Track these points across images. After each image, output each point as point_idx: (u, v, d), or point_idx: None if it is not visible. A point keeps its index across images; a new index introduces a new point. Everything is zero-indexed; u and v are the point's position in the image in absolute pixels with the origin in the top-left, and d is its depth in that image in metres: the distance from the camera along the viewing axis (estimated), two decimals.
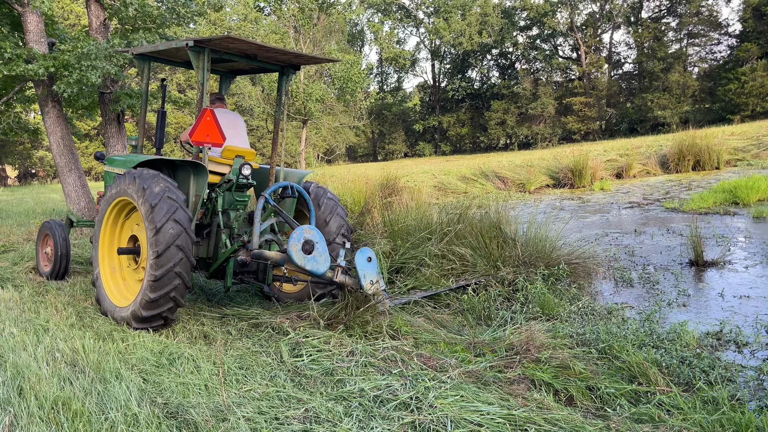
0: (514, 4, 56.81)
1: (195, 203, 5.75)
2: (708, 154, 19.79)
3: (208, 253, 5.93)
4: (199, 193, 5.74)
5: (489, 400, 3.62)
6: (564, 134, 51.81)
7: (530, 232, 7.35)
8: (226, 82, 7.37)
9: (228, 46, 5.72)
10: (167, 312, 5.18)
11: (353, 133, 55.95)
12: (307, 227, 5.20)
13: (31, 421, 3.29)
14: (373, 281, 5.06)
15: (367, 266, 5.07)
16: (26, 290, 6.53)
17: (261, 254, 5.41)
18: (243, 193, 6.02)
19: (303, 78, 15.76)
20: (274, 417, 3.42)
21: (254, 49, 5.89)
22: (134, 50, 6.42)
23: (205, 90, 5.74)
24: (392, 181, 12.80)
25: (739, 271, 7.01)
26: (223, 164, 6.10)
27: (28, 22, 9.78)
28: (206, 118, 5.57)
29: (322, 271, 5.13)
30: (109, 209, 5.74)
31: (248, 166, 5.70)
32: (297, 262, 5.06)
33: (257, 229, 5.49)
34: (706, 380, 3.92)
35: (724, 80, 44.40)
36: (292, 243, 5.06)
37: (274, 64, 6.55)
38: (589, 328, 4.90)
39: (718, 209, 11.38)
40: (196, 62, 5.71)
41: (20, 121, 12.39)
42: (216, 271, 5.89)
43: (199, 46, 5.64)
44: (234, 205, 5.95)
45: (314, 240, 5.13)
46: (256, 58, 6.20)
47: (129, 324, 5.23)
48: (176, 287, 5.10)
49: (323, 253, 5.15)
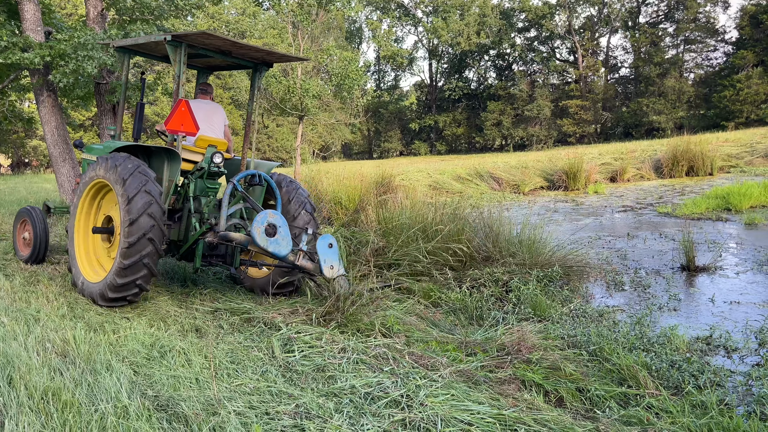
0: (512, 6, 56.88)
1: (168, 188, 6.07)
2: (702, 160, 19.90)
3: (179, 236, 6.23)
4: (172, 178, 6.07)
5: (479, 399, 3.63)
6: (559, 137, 51.96)
7: (524, 234, 7.37)
8: (203, 77, 7.62)
9: (204, 41, 5.96)
10: (141, 280, 5.45)
11: (349, 130, 55.90)
12: (271, 212, 5.47)
13: (21, 411, 3.27)
14: (333, 266, 5.39)
15: (328, 252, 5.40)
16: (17, 279, 6.50)
17: (227, 236, 5.65)
18: (214, 180, 6.26)
19: (300, 74, 15.72)
20: (264, 412, 3.42)
21: (229, 45, 6.14)
22: (114, 43, 6.65)
23: (181, 82, 5.99)
24: (387, 180, 12.82)
25: (730, 277, 7.06)
26: (196, 152, 6.39)
27: (26, 11, 9.72)
28: (181, 108, 5.83)
29: (283, 254, 5.42)
30: (85, 191, 6.05)
31: (219, 155, 5.93)
32: (260, 244, 5.35)
33: (224, 213, 5.74)
34: (695, 384, 3.95)
35: (720, 87, 44.63)
36: (255, 225, 5.35)
37: (248, 61, 6.78)
38: (580, 330, 4.92)
39: (711, 215, 11.44)
40: (174, 56, 5.95)
41: (15, 110, 12.33)
42: (186, 253, 6.22)
43: (177, 41, 5.90)
44: (205, 192, 6.19)
45: (277, 224, 5.43)
46: (231, 54, 6.45)
47: (102, 296, 5.53)
48: (149, 254, 5.39)
49: (285, 236, 5.44)
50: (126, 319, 5.22)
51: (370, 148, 62.22)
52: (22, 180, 27.63)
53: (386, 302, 5.66)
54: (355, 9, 57.23)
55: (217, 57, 6.46)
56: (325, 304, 5.26)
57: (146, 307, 5.67)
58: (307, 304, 5.52)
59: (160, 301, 5.86)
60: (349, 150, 63.03)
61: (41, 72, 9.99)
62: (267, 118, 49.30)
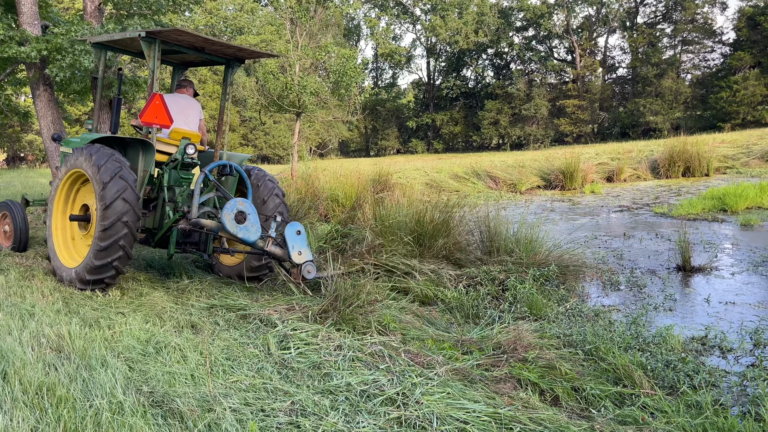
0: (511, 5, 56.88)
1: (143, 178, 6.37)
2: (698, 160, 19.95)
3: (154, 223, 6.54)
4: (147, 168, 6.39)
5: (475, 398, 3.63)
6: (556, 136, 52.03)
7: (520, 233, 7.38)
8: (179, 73, 7.85)
9: (177, 38, 6.18)
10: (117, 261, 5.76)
11: (346, 127, 55.85)
12: (240, 200, 5.73)
13: (15, 405, 3.26)
14: (301, 252, 5.68)
15: (296, 238, 5.69)
16: (12, 274, 6.47)
17: (199, 223, 5.92)
18: (188, 171, 6.52)
19: (298, 70, 15.68)
20: (260, 409, 3.42)
21: (201, 42, 6.38)
22: (90, 39, 6.84)
23: (155, 77, 6.22)
24: (384, 177, 12.81)
25: (726, 278, 7.08)
26: (171, 144, 6.71)
27: (22, 4, 9.66)
28: (155, 102, 6.08)
29: (252, 240, 5.70)
30: (63, 181, 6.37)
31: (192, 147, 6.20)
32: (229, 230, 5.63)
33: (196, 201, 5.97)
34: (690, 384, 3.96)
35: (717, 88, 44.76)
36: (225, 212, 5.63)
37: (220, 57, 7.00)
38: (576, 329, 4.93)
39: (707, 216, 11.47)
40: (148, 52, 6.17)
41: (11, 104, 12.26)
42: (161, 240, 6.53)
43: (151, 37, 6.11)
44: (179, 182, 6.44)
45: (246, 211, 5.70)
46: (204, 50, 6.71)
47: (80, 279, 5.83)
48: (124, 236, 5.70)
49: (255, 223, 5.72)
50: (121, 314, 5.20)
51: (367, 146, 62.17)
52: (18, 174, 27.52)
53: (385, 301, 5.65)
54: (354, 6, 57.17)
55: (190, 53, 6.71)
56: (322, 302, 5.25)
57: (142, 302, 5.65)
58: (304, 301, 5.52)
59: (155, 296, 5.85)
60: (346, 147, 62.98)
61: (38, 66, 9.94)
62: (264, 114, 49.21)
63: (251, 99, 18.78)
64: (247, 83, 31.02)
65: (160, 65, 6.32)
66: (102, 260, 5.68)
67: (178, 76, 7.78)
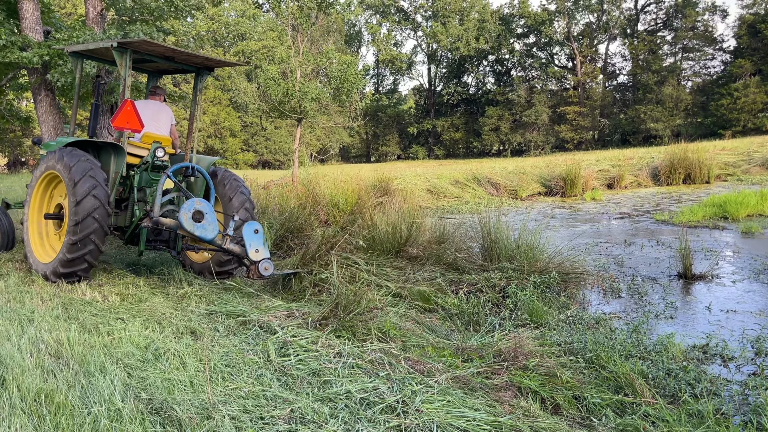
0: (512, 12, 57.03)
1: (114, 179, 6.80)
2: (699, 168, 19.95)
3: (125, 222, 6.98)
4: (118, 170, 6.81)
5: (476, 406, 3.61)
6: (557, 143, 52.06)
7: (521, 240, 7.36)
8: (153, 80, 8.28)
9: (147, 48, 6.59)
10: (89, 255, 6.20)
11: (347, 133, 55.91)
12: (198, 200, 6.06)
13: (13, 412, 3.24)
14: (258, 250, 5.95)
15: (254, 237, 5.95)
16: (12, 280, 6.46)
17: (159, 221, 6.20)
18: (158, 173, 6.93)
19: (299, 76, 15.71)
20: (259, 416, 3.40)
21: (170, 52, 6.79)
22: (68, 48, 7.22)
23: (127, 84, 6.62)
24: (385, 183, 12.81)
25: (727, 286, 7.06)
26: (142, 148, 7.15)
27: (24, 9, 9.70)
28: (127, 107, 6.46)
29: (209, 237, 6.00)
30: (38, 181, 6.81)
31: (162, 150, 6.70)
32: (186, 228, 5.94)
33: (158, 200, 6.26)
34: (691, 393, 3.94)
35: (717, 95, 44.81)
36: (183, 211, 5.95)
37: (190, 66, 7.41)
38: (577, 337, 4.91)
39: (708, 223, 11.46)
40: (120, 61, 6.56)
41: (12, 109, 12.28)
42: (131, 237, 6.97)
43: (122, 47, 6.51)
44: (149, 183, 6.86)
45: (204, 211, 6.02)
46: (174, 59, 7.09)
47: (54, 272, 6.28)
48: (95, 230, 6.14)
49: (212, 222, 6.03)
50: (121, 320, 5.18)
51: (368, 152, 62.22)
52: (19, 179, 27.51)
53: (385, 308, 5.63)
54: (355, 13, 57.23)
55: (161, 62, 7.14)
56: (322, 309, 5.24)
57: (141, 308, 5.64)
58: (304, 308, 5.50)
59: (155, 302, 5.83)
60: (346, 153, 63.02)
61: (39, 71, 9.96)
62: (265, 120, 49.27)
63: (252, 105, 18.79)
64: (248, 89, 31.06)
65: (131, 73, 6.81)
66: (74, 254, 6.11)
67: (153, 83, 8.26)
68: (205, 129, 46.84)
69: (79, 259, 6.19)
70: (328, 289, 5.92)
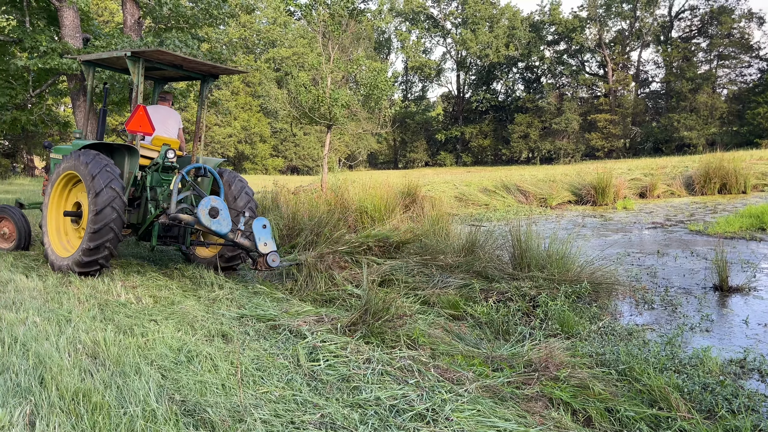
0: (542, 19, 56.65)
1: (128, 179, 7.20)
2: (735, 177, 19.50)
3: (138, 219, 7.36)
4: (132, 170, 7.21)
5: (506, 416, 3.58)
6: (587, 151, 51.46)
7: (552, 248, 7.29)
8: (159, 87, 8.68)
9: (159, 57, 6.96)
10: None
11: (375, 139, 56.08)
12: (213, 197, 6.42)
13: (52, 411, 3.32)
14: (266, 243, 6.35)
15: (262, 231, 6.37)
16: (50, 280, 6.63)
17: (177, 217, 6.56)
18: (168, 173, 7.32)
19: (330, 83, 15.83)
20: (290, 421, 3.42)
21: (180, 60, 7.20)
22: (80, 58, 7.63)
23: (140, 91, 7.01)
24: (413, 190, 12.80)
25: (765, 299, 6.88)
26: (153, 150, 7.57)
27: (64, 17, 9.98)
28: (139, 112, 6.82)
29: (224, 232, 6.40)
30: (58, 180, 7.18)
31: (172, 151, 7.10)
32: (204, 223, 6.32)
33: (174, 198, 6.62)
34: (728, 408, 3.84)
35: (754, 104, 43.82)
36: (200, 208, 6.33)
37: (197, 73, 7.84)
38: (609, 348, 4.84)
39: (744, 234, 11.19)
40: (133, 69, 6.98)
41: (51, 114, 12.61)
42: (144, 234, 7.38)
43: (136, 56, 6.90)
44: (160, 183, 7.23)
45: (219, 207, 6.40)
46: (182, 67, 7.53)
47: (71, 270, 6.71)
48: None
49: (226, 218, 6.43)
50: (154, 322, 5.27)
51: (395, 158, 62.31)
52: None
53: (414, 315, 5.63)
54: (385, 20, 57.44)
55: (170, 70, 7.55)
56: (351, 315, 5.26)
57: (174, 311, 5.72)
58: (333, 313, 5.52)
59: (187, 305, 5.92)
60: (374, 159, 63.22)
61: (78, 77, 10.23)
62: (295, 126, 49.72)
63: (283, 111, 18.99)
64: (279, 96, 31.42)
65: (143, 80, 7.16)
66: (95, 242, 6.50)
67: (158, 89, 8.65)
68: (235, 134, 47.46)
69: (101, 247, 6.57)
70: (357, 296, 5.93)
